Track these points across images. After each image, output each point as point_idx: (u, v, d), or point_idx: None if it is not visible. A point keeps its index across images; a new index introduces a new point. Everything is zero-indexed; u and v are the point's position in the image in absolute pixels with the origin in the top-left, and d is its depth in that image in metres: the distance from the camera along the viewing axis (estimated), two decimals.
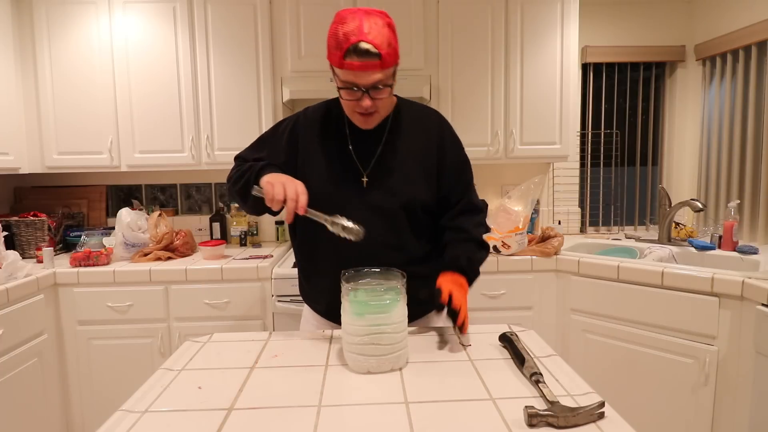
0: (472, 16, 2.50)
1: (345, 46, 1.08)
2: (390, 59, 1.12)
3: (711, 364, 1.85)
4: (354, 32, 1.08)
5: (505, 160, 2.59)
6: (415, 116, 1.32)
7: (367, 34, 1.08)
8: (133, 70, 2.45)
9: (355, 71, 1.10)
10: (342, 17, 1.11)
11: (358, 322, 0.99)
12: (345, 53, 1.09)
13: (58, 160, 2.49)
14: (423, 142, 1.29)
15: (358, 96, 1.15)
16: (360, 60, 1.09)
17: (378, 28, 1.10)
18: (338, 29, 1.10)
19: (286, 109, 2.64)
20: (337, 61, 1.11)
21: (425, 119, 1.33)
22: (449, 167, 1.30)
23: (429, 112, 1.36)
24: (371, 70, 1.10)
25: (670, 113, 3.02)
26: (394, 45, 1.13)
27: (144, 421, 0.84)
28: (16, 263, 2.02)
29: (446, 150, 1.30)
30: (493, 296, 2.28)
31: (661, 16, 2.92)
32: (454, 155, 1.32)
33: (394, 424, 0.81)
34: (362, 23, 1.09)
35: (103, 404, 2.25)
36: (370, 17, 1.10)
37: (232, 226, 2.77)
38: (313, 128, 1.30)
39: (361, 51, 1.08)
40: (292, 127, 1.31)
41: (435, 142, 1.30)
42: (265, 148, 1.32)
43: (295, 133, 1.30)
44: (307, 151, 1.28)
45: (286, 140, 1.30)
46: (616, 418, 0.80)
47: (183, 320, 2.24)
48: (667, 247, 2.40)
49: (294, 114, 1.35)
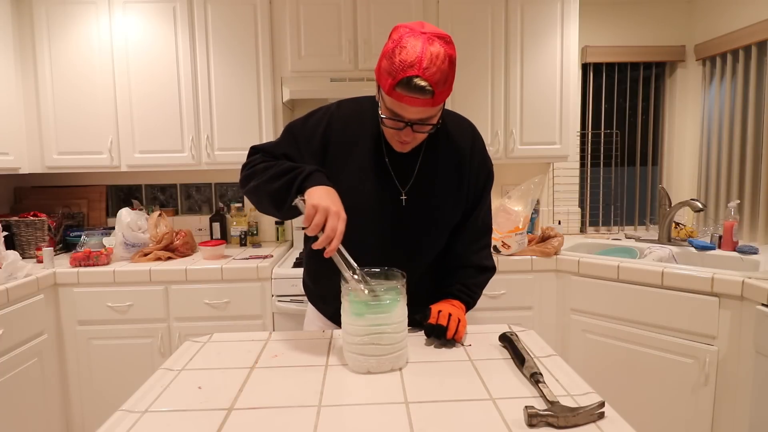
0: (472, 16, 2.50)
1: (399, 77, 0.99)
2: (442, 96, 1.04)
3: (711, 364, 1.85)
4: (412, 64, 0.98)
5: (505, 160, 2.59)
6: (451, 129, 1.24)
7: (426, 70, 0.99)
8: (133, 70, 2.45)
9: (403, 104, 1.03)
10: (401, 39, 1.01)
11: (358, 322, 0.99)
12: (397, 83, 1.00)
13: (58, 160, 2.49)
14: (458, 156, 1.23)
15: (400, 126, 1.07)
16: (411, 95, 1.01)
17: (438, 63, 1.00)
18: (395, 53, 1.00)
19: (286, 109, 2.64)
20: (387, 89, 1.03)
21: (460, 133, 1.26)
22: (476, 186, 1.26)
23: (464, 125, 1.29)
24: (421, 107, 1.03)
25: (670, 113, 3.02)
26: (450, 81, 1.05)
27: (144, 421, 0.84)
28: (16, 263, 2.02)
29: (476, 161, 1.25)
30: (493, 296, 2.28)
31: (661, 16, 2.92)
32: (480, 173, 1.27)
33: (394, 424, 0.81)
34: (423, 54, 0.99)
35: (103, 404, 2.25)
36: (433, 45, 1.00)
37: (232, 226, 2.77)
38: (347, 130, 1.20)
39: (415, 87, 0.99)
40: (325, 125, 1.20)
41: (468, 154, 1.24)
42: (294, 143, 1.21)
43: (328, 133, 1.19)
44: (339, 155, 1.19)
45: (319, 140, 1.19)
46: (616, 418, 0.80)
47: (183, 320, 2.24)
48: (667, 247, 2.40)
49: (326, 107, 1.24)
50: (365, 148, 1.19)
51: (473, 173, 1.25)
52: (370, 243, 1.16)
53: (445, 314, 1.15)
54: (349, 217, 1.03)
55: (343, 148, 1.19)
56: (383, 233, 1.16)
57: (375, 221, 1.17)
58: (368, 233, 1.17)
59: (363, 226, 1.14)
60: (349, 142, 1.19)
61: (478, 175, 1.26)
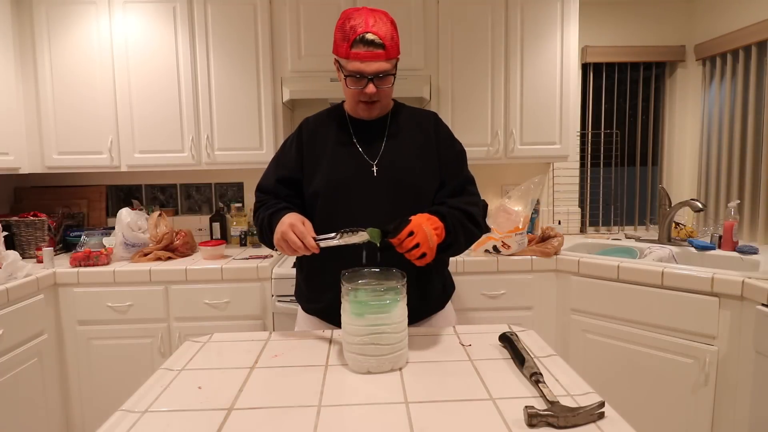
0: (472, 16, 2.50)
1: (352, 37, 1.19)
2: (393, 50, 1.23)
3: (711, 364, 1.85)
4: (360, 25, 1.19)
5: (505, 160, 2.59)
6: (413, 115, 1.41)
7: (372, 27, 1.19)
8: (133, 70, 2.45)
9: (361, 60, 1.20)
10: (348, 14, 1.23)
11: (358, 322, 0.99)
12: (352, 44, 1.20)
13: (58, 160, 2.49)
14: (422, 138, 1.37)
15: (363, 84, 1.24)
16: (366, 50, 1.19)
17: (381, 23, 1.21)
18: (345, 23, 1.22)
19: (286, 109, 2.64)
20: (345, 52, 1.21)
21: (421, 118, 1.41)
22: (446, 158, 1.36)
23: (425, 113, 1.44)
24: (376, 59, 1.20)
25: (670, 113, 3.02)
26: (396, 39, 1.25)
27: (144, 421, 0.84)
28: (16, 263, 2.02)
29: (441, 142, 1.37)
30: (493, 296, 2.28)
31: (661, 16, 2.92)
32: (449, 147, 1.38)
33: (394, 424, 0.81)
34: (368, 18, 1.21)
35: (103, 404, 2.25)
36: (374, 13, 1.23)
37: (232, 226, 2.77)
38: (317, 132, 1.38)
39: (367, 41, 1.19)
40: (297, 138, 1.40)
41: (432, 137, 1.37)
42: (279, 167, 1.40)
43: (301, 142, 1.38)
44: (314, 153, 1.36)
45: (295, 151, 1.38)
46: (616, 418, 0.80)
47: (183, 320, 2.24)
48: (667, 247, 2.40)
49: (296, 128, 1.43)
50: (333, 137, 1.37)
51: (441, 144, 1.36)
52: (353, 211, 1.30)
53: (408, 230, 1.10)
54: (331, 192, 1.29)
55: (315, 144, 1.37)
56: (361, 201, 1.30)
57: (352, 192, 1.30)
58: (349, 203, 1.31)
59: (344, 197, 1.30)
60: (319, 139, 1.37)
61: (446, 146, 1.37)
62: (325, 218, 1.30)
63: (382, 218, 1.15)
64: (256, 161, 2.51)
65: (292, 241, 1.15)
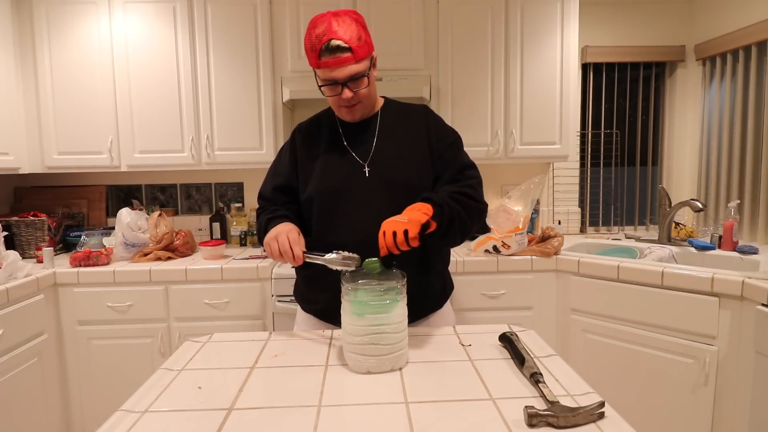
0: (472, 16, 2.50)
1: (318, 46, 1.18)
2: (362, 51, 1.20)
3: (711, 364, 1.85)
4: (324, 32, 1.17)
5: (505, 160, 2.59)
6: (403, 110, 1.41)
7: (336, 32, 1.17)
8: (133, 69, 2.45)
9: (330, 68, 1.19)
10: (313, 23, 1.21)
11: (358, 322, 0.99)
12: (320, 53, 1.18)
13: (58, 160, 2.49)
14: (413, 132, 1.36)
15: (338, 90, 1.23)
16: (333, 56, 1.18)
17: (346, 25, 1.18)
18: (311, 33, 1.20)
19: (286, 109, 2.64)
20: (315, 62, 1.20)
21: (411, 112, 1.40)
22: (440, 150, 1.34)
23: (415, 106, 1.42)
24: (345, 64, 1.19)
25: (670, 113, 3.02)
26: (365, 38, 1.21)
27: (144, 421, 0.84)
28: (16, 263, 2.02)
29: (432, 134, 1.35)
30: (493, 296, 2.28)
31: (660, 16, 2.92)
32: (441, 138, 1.36)
33: (394, 424, 0.81)
34: (331, 23, 1.18)
35: (103, 404, 2.25)
36: (338, 17, 1.19)
37: (232, 226, 2.77)
38: (308, 138, 1.39)
39: (333, 48, 1.17)
40: (290, 145, 1.42)
41: (424, 129, 1.36)
42: (276, 175, 1.42)
43: (294, 148, 1.40)
44: (306, 158, 1.37)
45: (289, 159, 1.40)
46: (616, 418, 0.80)
47: (183, 320, 2.24)
48: (667, 247, 2.40)
49: (290, 135, 1.45)
50: (325, 142, 1.36)
51: (432, 136, 1.34)
52: (347, 211, 1.29)
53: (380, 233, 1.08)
54: (324, 198, 1.30)
55: (308, 149, 1.37)
56: (355, 204, 1.29)
57: (346, 196, 1.30)
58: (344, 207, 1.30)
59: (338, 202, 1.29)
60: (311, 143, 1.38)
61: (438, 138, 1.35)
62: (322, 223, 1.31)
63: (378, 218, 1.12)
64: (256, 161, 2.52)
65: (281, 243, 1.17)
